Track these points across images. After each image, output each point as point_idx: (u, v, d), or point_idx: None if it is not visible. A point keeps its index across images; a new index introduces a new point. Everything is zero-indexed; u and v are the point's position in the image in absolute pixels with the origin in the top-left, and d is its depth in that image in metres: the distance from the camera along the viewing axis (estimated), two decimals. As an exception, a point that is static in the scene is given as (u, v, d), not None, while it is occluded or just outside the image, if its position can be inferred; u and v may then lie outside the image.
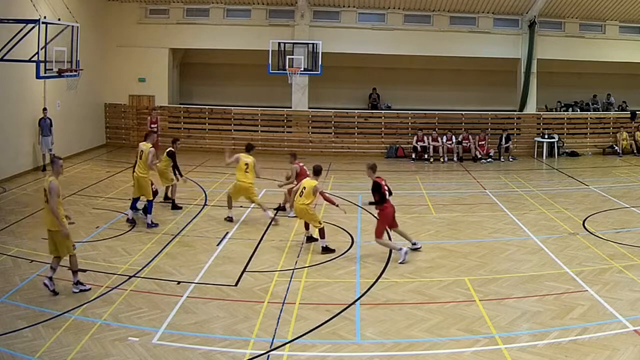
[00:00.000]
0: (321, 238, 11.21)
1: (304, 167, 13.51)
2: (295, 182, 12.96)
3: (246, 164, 13.08)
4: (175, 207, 14.15)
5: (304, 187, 11.31)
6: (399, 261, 10.47)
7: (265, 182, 17.29)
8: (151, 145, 13.00)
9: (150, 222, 12.54)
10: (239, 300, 8.81)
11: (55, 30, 15.16)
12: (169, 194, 14.49)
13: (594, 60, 24.22)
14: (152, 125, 18.67)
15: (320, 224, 11.23)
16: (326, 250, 11.10)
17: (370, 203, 10.96)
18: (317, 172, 11.59)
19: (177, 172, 14.16)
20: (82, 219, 12.73)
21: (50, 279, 8.90)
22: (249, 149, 13.58)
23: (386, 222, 10.86)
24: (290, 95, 23.63)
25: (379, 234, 10.72)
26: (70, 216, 9.41)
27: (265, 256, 10.87)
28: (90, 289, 9.02)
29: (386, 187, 10.82)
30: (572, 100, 25.68)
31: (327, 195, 12.09)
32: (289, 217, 13.47)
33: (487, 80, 25.08)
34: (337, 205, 11.58)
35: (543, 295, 9.04)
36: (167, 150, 14.26)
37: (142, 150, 12.91)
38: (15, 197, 15.03)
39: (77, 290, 8.94)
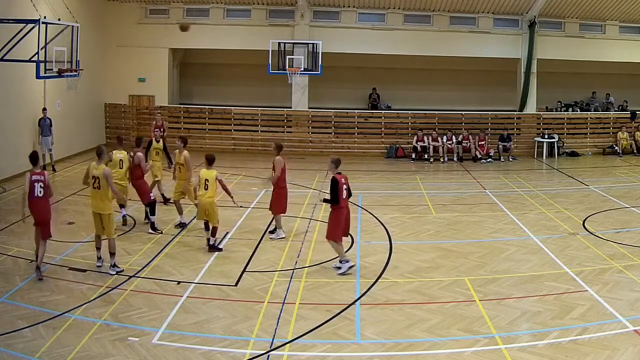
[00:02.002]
0: (212, 236, 11.12)
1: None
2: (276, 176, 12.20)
3: (206, 180, 11.13)
4: (167, 200, 14.34)
5: (207, 179, 10.94)
6: (338, 272, 9.94)
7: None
8: (129, 152, 12.58)
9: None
10: (239, 300, 8.82)
11: (55, 30, 15.16)
12: (161, 191, 14.56)
13: (594, 60, 24.21)
14: (156, 130, 18.63)
15: (218, 222, 11.17)
16: (213, 248, 11.03)
17: (325, 200, 10.32)
18: (211, 161, 11.14)
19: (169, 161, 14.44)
20: (82, 219, 12.73)
21: (100, 257, 10.04)
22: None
23: (338, 224, 10.00)
24: (290, 95, 23.63)
25: (330, 235, 10.01)
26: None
27: (265, 256, 10.87)
28: (123, 269, 9.86)
29: (345, 187, 10.14)
30: (572, 100, 25.68)
31: (224, 184, 11.36)
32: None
33: (487, 80, 25.08)
34: (232, 197, 11.27)
35: (543, 295, 9.04)
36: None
37: (120, 159, 12.38)
38: (15, 197, 15.00)
39: (114, 273, 9.70)
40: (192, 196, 12.62)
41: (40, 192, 9.56)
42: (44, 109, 18.45)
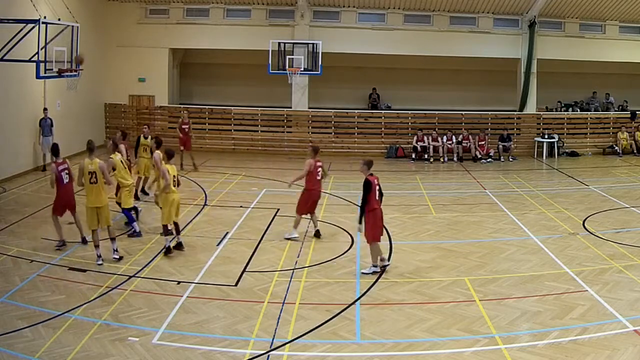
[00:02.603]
0: (167, 235, 10.77)
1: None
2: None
3: (174, 176, 11.02)
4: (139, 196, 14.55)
5: (175, 175, 10.81)
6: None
7: (265, 182, 17.32)
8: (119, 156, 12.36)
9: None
10: (239, 300, 8.81)
11: (55, 30, 15.16)
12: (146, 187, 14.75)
13: (594, 60, 24.21)
14: (184, 126, 18.70)
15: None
16: (169, 250, 10.72)
17: (361, 209, 10.15)
18: (171, 155, 10.95)
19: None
20: (82, 219, 12.66)
21: (100, 256, 10.21)
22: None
23: (375, 225, 9.97)
24: (290, 95, 23.63)
25: (369, 238, 9.98)
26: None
27: (265, 256, 10.87)
28: (122, 257, 10.33)
29: (377, 188, 10.27)
30: (572, 100, 25.68)
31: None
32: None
33: (487, 80, 25.08)
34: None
35: (543, 295, 9.04)
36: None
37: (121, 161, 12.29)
38: (15, 197, 15.03)
39: (118, 257, 10.30)
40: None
41: (67, 179, 10.94)
42: (45, 109, 18.45)
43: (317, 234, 12.02)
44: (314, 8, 23.59)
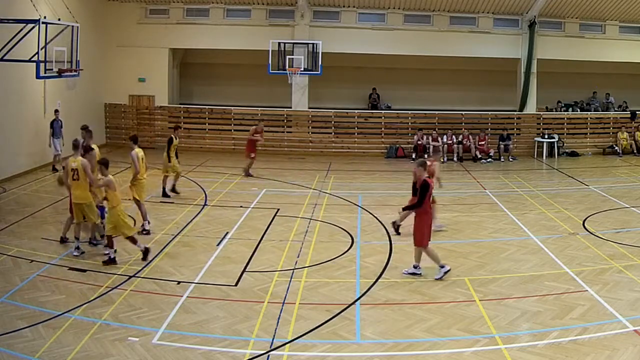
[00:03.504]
0: (110, 247, 10.18)
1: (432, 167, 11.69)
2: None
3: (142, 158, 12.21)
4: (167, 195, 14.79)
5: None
6: (435, 277, 9.68)
7: (264, 183, 17.33)
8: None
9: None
10: (239, 300, 8.81)
11: (55, 30, 15.17)
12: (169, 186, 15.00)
13: (594, 60, 24.20)
14: (256, 135, 18.61)
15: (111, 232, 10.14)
16: (110, 261, 10.09)
17: (405, 208, 10.35)
18: (106, 165, 10.37)
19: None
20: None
21: (78, 247, 10.51)
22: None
23: (426, 229, 9.77)
24: (290, 95, 23.63)
25: (418, 242, 9.76)
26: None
27: (265, 256, 10.87)
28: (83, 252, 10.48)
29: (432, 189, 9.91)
30: (572, 100, 25.68)
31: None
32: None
33: (487, 80, 25.07)
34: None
35: (543, 295, 9.04)
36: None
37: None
38: (15, 197, 15.03)
39: (78, 253, 10.47)
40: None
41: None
42: (56, 111, 18.32)
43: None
44: (314, 8, 23.59)
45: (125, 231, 10.18)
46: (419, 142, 22.55)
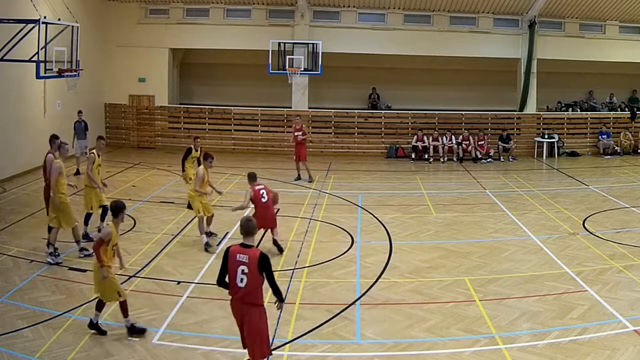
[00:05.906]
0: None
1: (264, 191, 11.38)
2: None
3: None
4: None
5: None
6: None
7: (265, 182, 17.29)
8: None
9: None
10: (239, 300, 8.80)
11: (55, 30, 15.15)
12: None
13: (594, 60, 24.18)
14: (297, 133, 18.12)
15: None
16: (95, 327, 7.67)
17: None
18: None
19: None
20: (82, 219, 12.70)
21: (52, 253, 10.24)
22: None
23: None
24: (290, 95, 23.62)
25: None
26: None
27: (265, 256, 10.84)
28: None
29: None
30: (572, 100, 25.67)
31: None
32: None
33: (487, 80, 25.05)
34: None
35: (543, 295, 9.04)
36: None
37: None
38: (15, 197, 15.03)
39: (52, 261, 10.17)
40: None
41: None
42: (80, 112, 18.26)
43: None
44: (314, 8, 23.58)
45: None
46: (416, 144, 22.49)
